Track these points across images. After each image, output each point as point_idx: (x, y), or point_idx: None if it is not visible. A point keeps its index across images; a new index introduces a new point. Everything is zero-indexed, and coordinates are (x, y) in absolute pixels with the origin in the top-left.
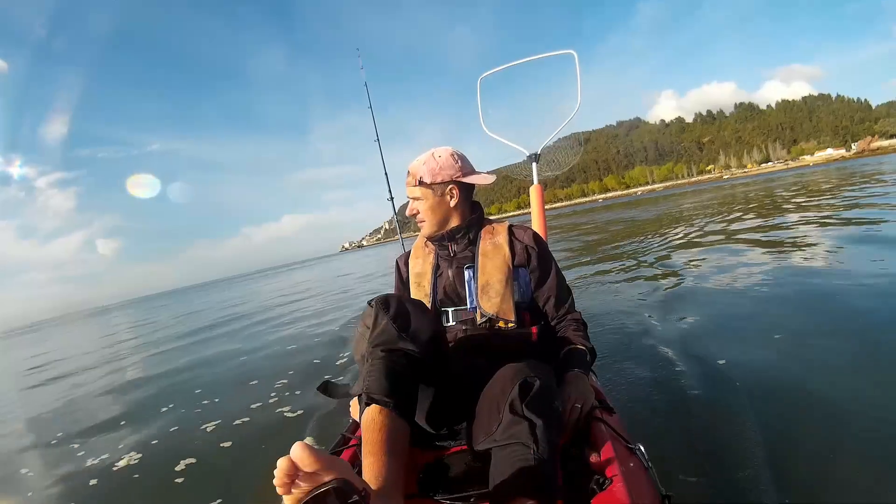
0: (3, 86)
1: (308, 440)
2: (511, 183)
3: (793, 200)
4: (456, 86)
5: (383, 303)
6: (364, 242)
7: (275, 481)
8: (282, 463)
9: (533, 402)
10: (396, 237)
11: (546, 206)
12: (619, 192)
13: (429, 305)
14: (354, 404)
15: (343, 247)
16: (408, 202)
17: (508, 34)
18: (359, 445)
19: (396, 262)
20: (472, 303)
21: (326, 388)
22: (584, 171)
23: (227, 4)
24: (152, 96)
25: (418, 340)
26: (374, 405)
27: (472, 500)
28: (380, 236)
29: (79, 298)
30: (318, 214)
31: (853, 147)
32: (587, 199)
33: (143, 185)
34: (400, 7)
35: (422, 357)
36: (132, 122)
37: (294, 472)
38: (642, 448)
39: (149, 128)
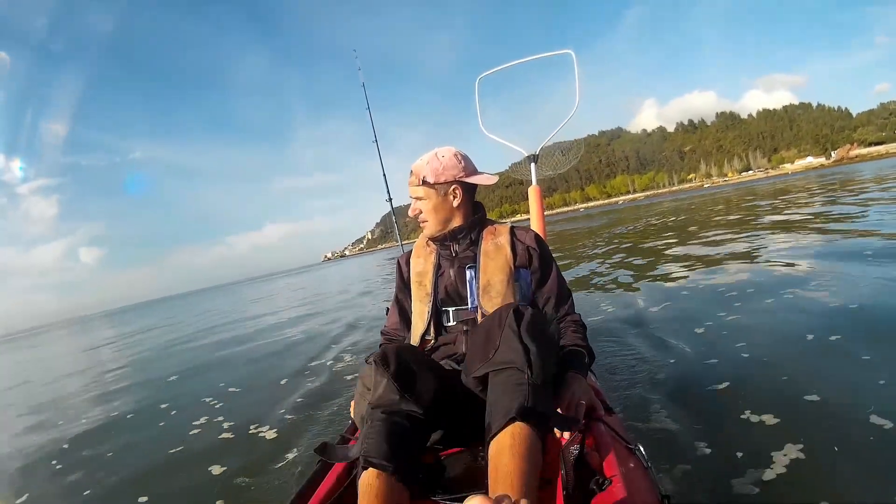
0: None
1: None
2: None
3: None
4: (438, 92)
5: (383, 361)
6: (346, 252)
7: None
8: None
9: (527, 327)
10: (380, 247)
11: (524, 216)
12: (600, 202)
13: (430, 305)
14: (354, 405)
15: (325, 256)
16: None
17: (488, 43)
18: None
19: (398, 261)
20: (473, 302)
21: (325, 450)
22: (566, 181)
23: (207, 10)
24: (135, 103)
25: (421, 399)
26: (371, 469)
27: None
28: (362, 246)
29: (60, 307)
30: (299, 224)
31: (833, 155)
32: (569, 208)
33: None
34: (383, 12)
35: (425, 416)
36: (115, 129)
37: None
38: (642, 448)
39: (131, 135)
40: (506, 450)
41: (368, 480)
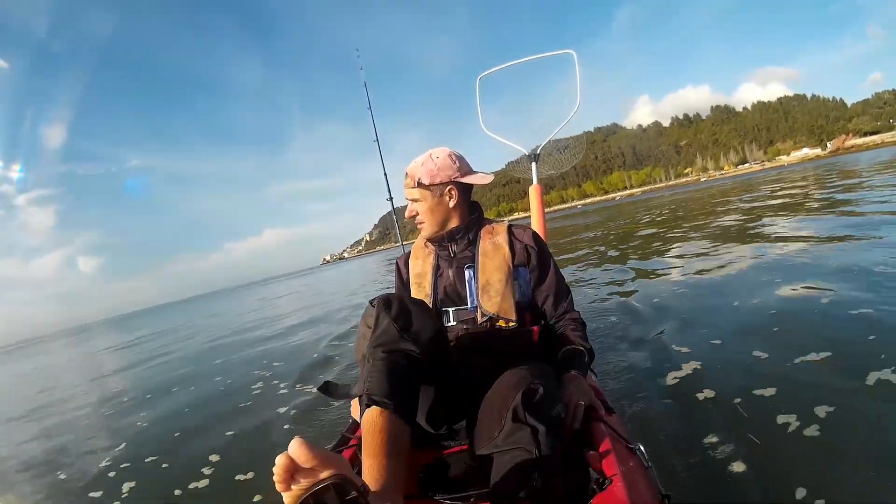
0: None
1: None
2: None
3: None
4: (435, 94)
5: (385, 303)
6: (346, 255)
7: (274, 478)
8: (280, 459)
9: (536, 409)
10: (378, 249)
11: (523, 214)
12: (597, 198)
13: (430, 305)
14: (355, 404)
15: (325, 259)
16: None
17: (485, 44)
18: (359, 446)
19: (396, 262)
20: (472, 302)
21: (327, 389)
22: (562, 178)
23: (201, 18)
24: (131, 111)
25: (420, 340)
26: (374, 406)
27: (472, 499)
28: (361, 248)
29: (59, 318)
30: (298, 227)
31: (828, 146)
32: (566, 205)
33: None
34: (379, 16)
35: (423, 357)
36: (111, 138)
37: (292, 469)
38: (642, 448)
39: (128, 143)
40: None
41: (371, 417)
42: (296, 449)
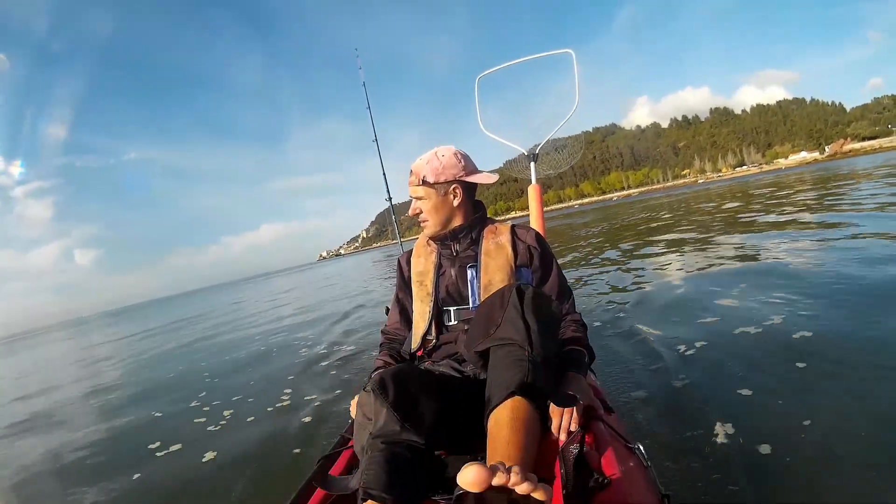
0: None
1: None
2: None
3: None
4: (433, 94)
5: (381, 389)
6: (342, 251)
7: None
8: None
9: (529, 305)
10: (375, 245)
11: (519, 214)
12: (595, 198)
13: (431, 304)
14: (354, 404)
15: (321, 255)
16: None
17: (484, 44)
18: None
19: (398, 261)
20: (474, 302)
21: (324, 482)
22: (560, 178)
23: (202, 12)
24: (129, 104)
25: (423, 426)
26: (370, 501)
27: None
28: (357, 244)
29: (58, 309)
30: (295, 223)
31: (826, 150)
32: (563, 204)
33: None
34: (379, 15)
35: (426, 443)
36: (109, 130)
37: None
38: (642, 448)
39: (126, 136)
40: (505, 423)
41: None
42: None
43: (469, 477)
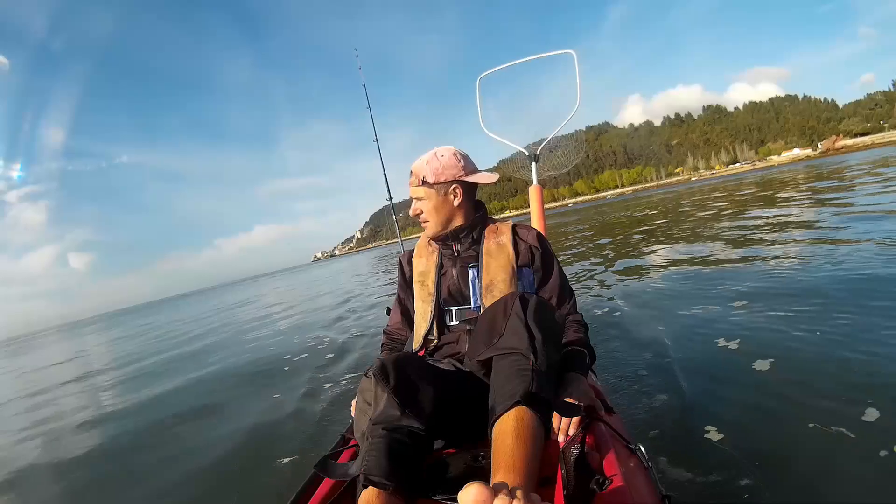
0: None
1: None
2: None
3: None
4: (429, 93)
5: (382, 374)
6: (336, 252)
7: None
8: None
9: (532, 314)
10: (369, 246)
11: (513, 213)
12: (588, 197)
13: (433, 304)
14: (354, 420)
15: (315, 256)
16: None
17: (474, 44)
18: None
19: (399, 260)
20: (476, 302)
21: (325, 467)
22: (554, 177)
23: (191, 14)
24: (122, 108)
25: (423, 412)
26: (371, 487)
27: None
28: (352, 245)
29: (52, 313)
30: (289, 225)
31: (819, 146)
32: (557, 203)
33: None
34: (371, 14)
35: (426, 429)
36: (101, 133)
37: None
38: (642, 448)
39: (118, 139)
40: (509, 433)
41: (368, 499)
42: None
43: (470, 498)
